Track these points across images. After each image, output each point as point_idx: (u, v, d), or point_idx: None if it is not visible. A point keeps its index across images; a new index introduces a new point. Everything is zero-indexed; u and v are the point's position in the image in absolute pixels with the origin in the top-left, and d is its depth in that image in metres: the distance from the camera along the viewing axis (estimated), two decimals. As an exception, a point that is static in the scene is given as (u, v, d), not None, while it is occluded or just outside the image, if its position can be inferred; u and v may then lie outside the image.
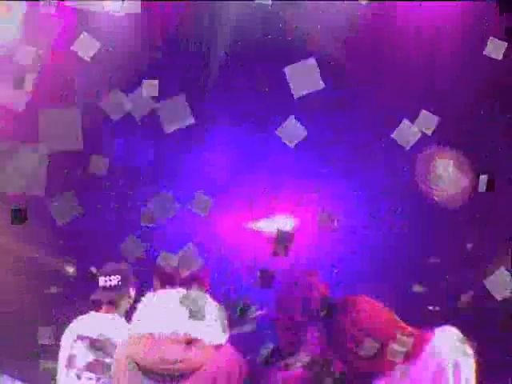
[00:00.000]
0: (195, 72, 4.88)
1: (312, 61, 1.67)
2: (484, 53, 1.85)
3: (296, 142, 1.82)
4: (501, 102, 4.05)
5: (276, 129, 1.79)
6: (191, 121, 1.81)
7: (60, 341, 2.52)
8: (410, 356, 1.60)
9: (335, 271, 4.42)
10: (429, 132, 1.86)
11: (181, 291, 1.85)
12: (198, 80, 4.86)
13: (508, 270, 1.60)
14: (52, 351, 2.57)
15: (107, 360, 2.31)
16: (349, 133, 4.58)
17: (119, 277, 2.48)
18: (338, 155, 4.62)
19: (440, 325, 1.68)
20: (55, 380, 2.51)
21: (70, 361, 2.42)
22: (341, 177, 4.62)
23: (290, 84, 1.68)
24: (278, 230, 1.81)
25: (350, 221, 4.56)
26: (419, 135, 1.84)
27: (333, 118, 4.59)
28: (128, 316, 2.27)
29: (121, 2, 2.26)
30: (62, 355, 2.48)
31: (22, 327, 4.70)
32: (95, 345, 2.38)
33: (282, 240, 1.76)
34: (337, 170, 4.62)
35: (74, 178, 4.56)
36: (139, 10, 2.10)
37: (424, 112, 1.83)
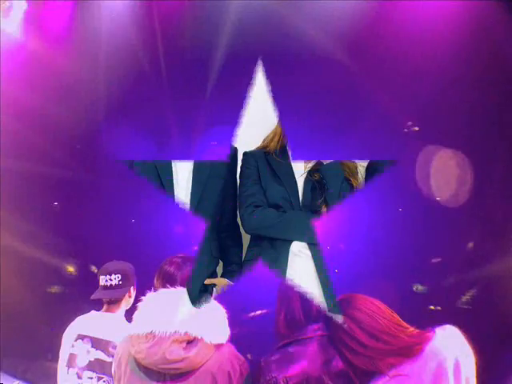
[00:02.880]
0: (195, 72, 4.87)
1: None
2: None
3: None
4: (502, 102, 4.04)
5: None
6: None
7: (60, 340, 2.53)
8: (411, 355, 1.60)
9: (335, 271, 4.41)
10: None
11: (181, 290, 1.85)
12: (198, 80, 4.85)
13: None
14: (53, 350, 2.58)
15: (108, 359, 2.31)
16: (351, 133, 4.57)
17: (120, 276, 2.48)
18: (340, 155, 4.61)
19: (441, 324, 1.68)
20: (55, 379, 2.51)
21: (71, 360, 2.42)
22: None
23: None
24: None
25: (351, 220, 4.55)
26: None
27: (335, 119, 4.57)
28: (128, 315, 2.28)
29: None
30: (63, 354, 2.48)
31: (23, 327, 4.70)
32: (96, 344, 2.38)
33: None
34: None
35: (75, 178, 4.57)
36: None
37: None
